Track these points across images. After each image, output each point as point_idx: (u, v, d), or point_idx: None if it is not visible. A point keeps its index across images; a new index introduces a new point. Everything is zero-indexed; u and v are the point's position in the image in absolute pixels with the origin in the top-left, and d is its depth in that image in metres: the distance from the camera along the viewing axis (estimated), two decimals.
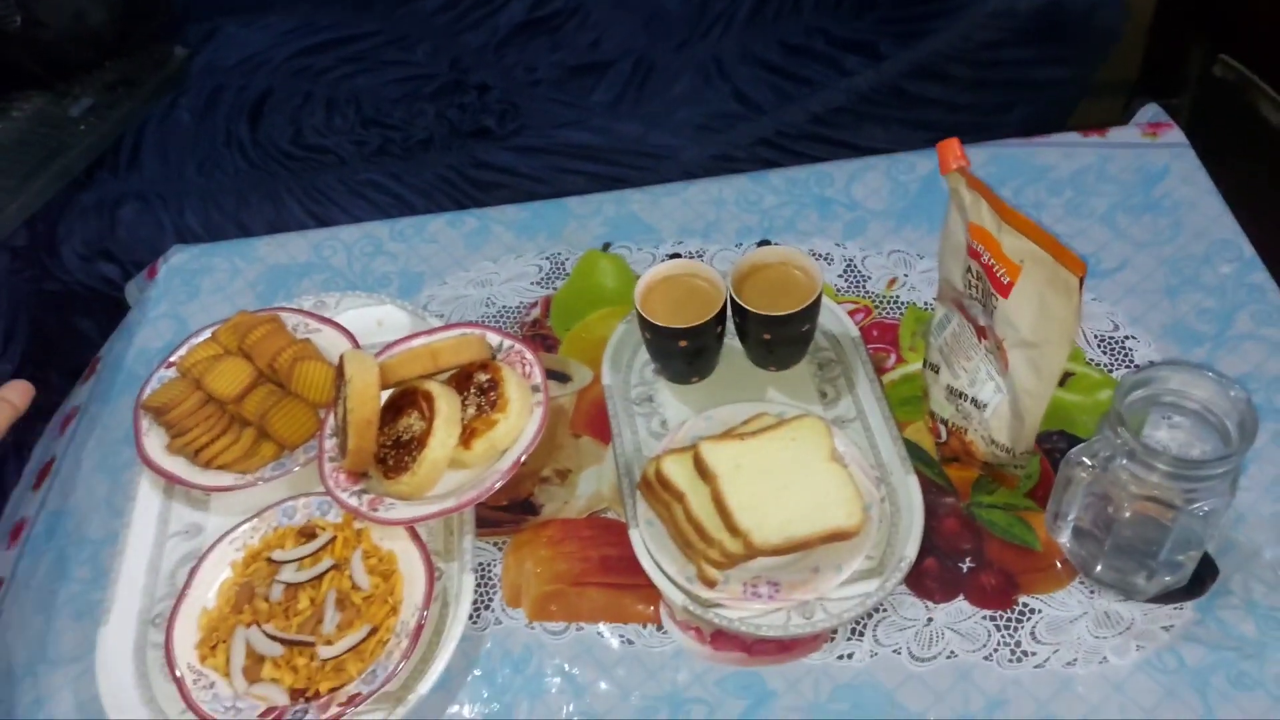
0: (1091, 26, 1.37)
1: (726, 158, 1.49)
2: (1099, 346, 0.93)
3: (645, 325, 0.89)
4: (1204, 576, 0.77)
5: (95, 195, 1.58)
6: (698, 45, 1.61)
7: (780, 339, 0.90)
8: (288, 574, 0.84)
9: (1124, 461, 0.68)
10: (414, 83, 1.66)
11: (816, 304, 0.87)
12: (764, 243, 1.05)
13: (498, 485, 0.83)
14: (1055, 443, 0.87)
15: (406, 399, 0.87)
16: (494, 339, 0.93)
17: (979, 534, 0.83)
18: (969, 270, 0.76)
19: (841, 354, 0.94)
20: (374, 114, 1.61)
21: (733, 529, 0.78)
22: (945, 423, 0.85)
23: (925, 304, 0.98)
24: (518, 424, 0.86)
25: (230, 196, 1.55)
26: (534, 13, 1.74)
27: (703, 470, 0.81)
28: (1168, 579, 0.75)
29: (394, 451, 0.85)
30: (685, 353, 0.90)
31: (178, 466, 0.91)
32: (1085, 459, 0.70)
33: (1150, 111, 1.13)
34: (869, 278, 1.01)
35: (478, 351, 0.90)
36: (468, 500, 0.83)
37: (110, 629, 0.83)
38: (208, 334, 1.00)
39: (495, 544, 0.87)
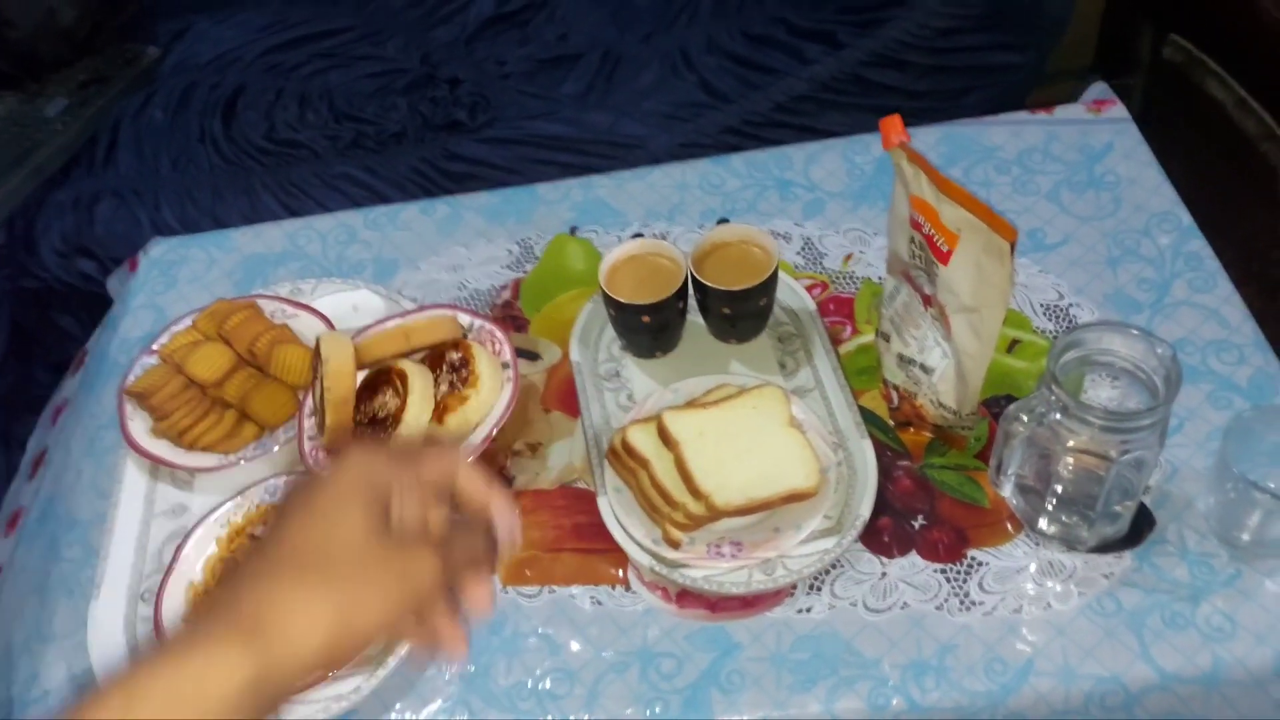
0: (1041, 13, 1.42)
1: (693, 145, 1.53)
2: (1045, 315, 0.97)
3: (610, 303, 0.92)
4: (1141, 527, 0.81)
5: (71, 193, 1.61)
6: (664, 36, 1.65)
7: (740, 313, 0.94)
8: None
9: (1058, 416, 0.72)
10: (386, 77, 1.69)
11: (773, 279, 0.91)
12: (723, 221, 1.09)
13: (470, 459, 0.86)
14: (1003, 407, 0.91)
15: (382, 378, 0.90)
16: (465, 319, 0.97)
17: (931, 493, 0.87)
18: (912, 241, 0.80)
19: (800, 327, 0.98)
20: (347, 108, 1.64)
21: (695, 492, 0.81)
22: (897, 389, 0.89)
23: (879, 278, 1.02)
24: (489, 399, 0.90)
25: (205, 191, 1.57)
26: (503, 7, 1.77)
27: (666, 438, 0.84)
28: (1107, 530, 0.79)
29: (370, 428, 0.88)
30: (649, 328, 0.94)
31: (162, 449, 0.94)
32: (1022, 415, 0.74)
33: (1097, 89, 1.18)
34: (826, 255, 1.05)
35: (449, 331, 0.93)
36: None
37: (101, 604, 0.86)
38: (188, 321, 1.03)
39: None
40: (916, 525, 0.85)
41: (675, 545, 0.82)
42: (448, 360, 0.92)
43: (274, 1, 1.85)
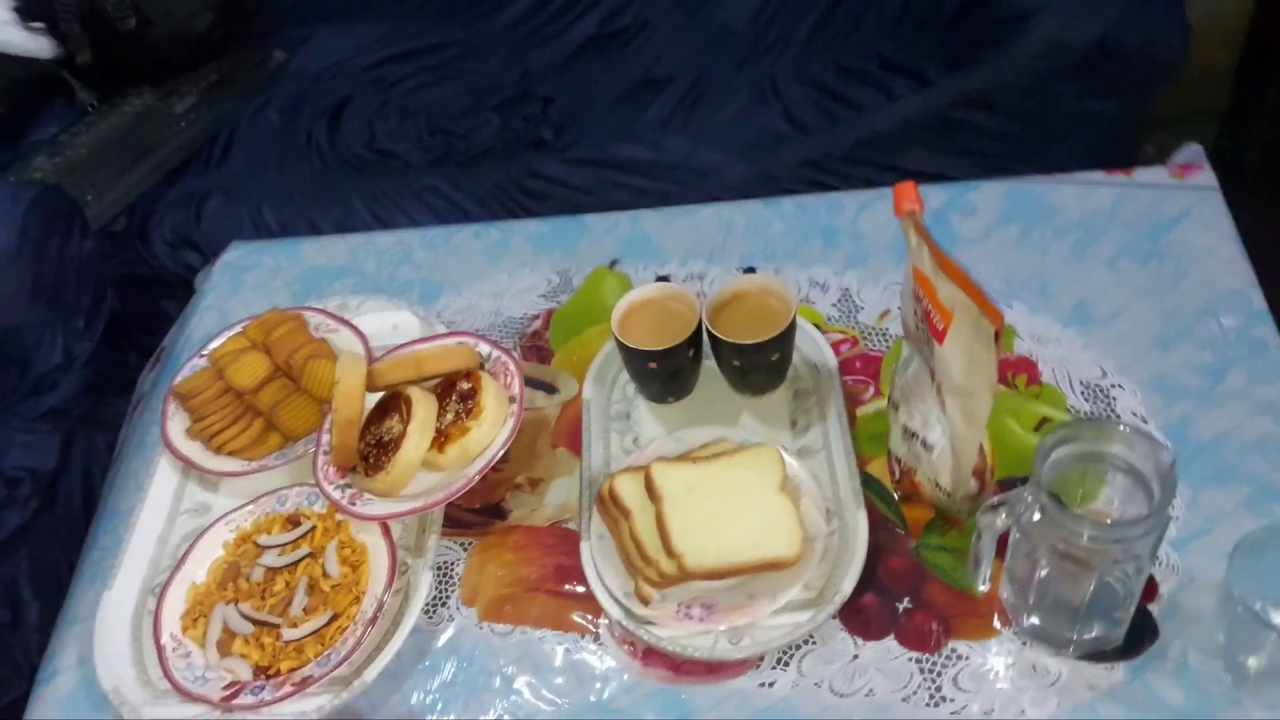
0: (1149, 60, 1.33)
1: (770, 177, 1.51)
2: (1082, 394, 0.91)
3: (620, 346, 0.92)
4: (1142, 636, 0.75)
5: (186, 188, 1.71)
6: (755, 65, 1.63)
7: (750, 366, 0.92)
8: (269, 558, 0.91)
9: (1036, 518, 0.67)
10: (482, 93, 1.73)
11: (787, 334, 0.89)
12: (748, 271, 1.07)
13: (463, 489, 0.88)
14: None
15: (393, 403, 0.93)
16: (485, 349, 0.98)
17: (922, 575, 0.83)
18: (915, 313, 0.77)
19: (818, 384, 0.95)
20: (442, 122, 1.69)
21: (669, 550, 0.80)
22: (899, 462, 0.85)
23: None
24: (490, 432, 0.91)
25: (304, 196, 1.65)
26: (604, 28, 1.78)
27: (651, 491, 0.84)
28: (1096, 635, 0.74)
29: (375, 450, 0.91)
30: (658, 374, 0.93)
31: (193, 450, 1.00)
32: (1002, 510, 0.70)
33: (1190, 152, 1.09)
34: (862, 309, 1.02)
35: (463, 361, 0.95)
36: (434, 501, 0.88)
37: (113, 594, 0.92)
38: (239, 328, 1.09)
39: (462, 544, 0.92)
40: (900, 608, 0.81)
41: (645, 601, 0.81)
42: (457, 390, 0.93)
43: (389, 15, 1.91)
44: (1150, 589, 0.77)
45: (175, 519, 0.99)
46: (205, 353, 1.07)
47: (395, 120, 1.71)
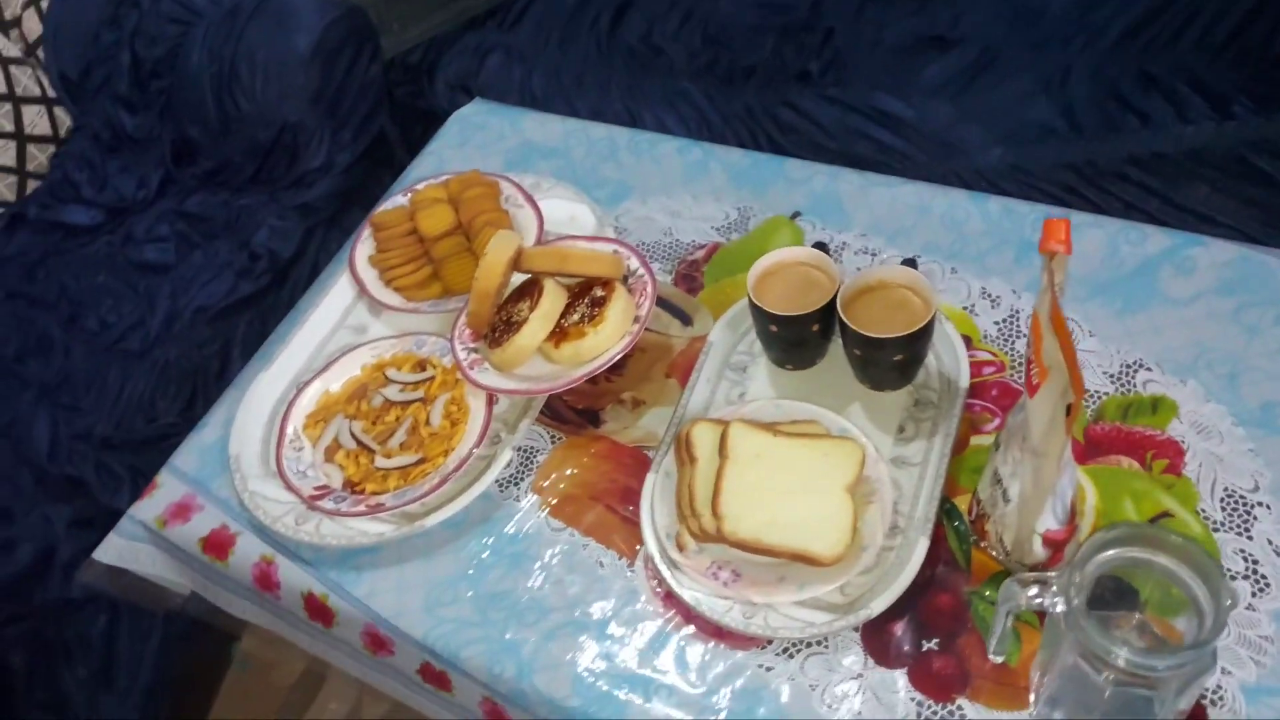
0: None
1: (1024, 171, 1.40)
2: (1221, 501, 0.81)
3: (751, 301, 0.91)
4: None
5: (476, 39, 1.82)
6: (1054, 51, 1.49)
7: (870, 360, 0.89)
8: (391, 391, 1.00)
9: (1060, 609, 0.63)
10: (768, 11, 1.70)
11: (913, 339, 0.85)
12: (908, 262, 1.01)
13: (563, 387, 0.92)
14: None
15: (531, 288, 0.98)
16: (634, 263, 1.00)
17: (963, 622, 0.79)
18: (1025, 357, 0.71)
19: (942, 399, 0.91)
20: (718, 33, 1.68)
21: (715, 509, 0.81)
22: (979, 503, 0.81)
23: None
24: (605, 342, 0.94)
25: (571, 75, 1.71)
26: None
27: (723, 447, 0.84)
28: None
29: (504, 326, 0.97)
30: (778, 339, 0.92)
31: (368, 276, 1.10)
32: (1027, 590, 0.65)
33: None
34: (1023, 336, 0.95)
35: (606, 268, 0.97)
36: (536, 390, 0.93)
37: (268, 375, 1.04)
38: (444, 178, 1.17)
39: (552, 436, 0.97)
40: (926, 646, 0.78)
41: (681, 549, 0.83)
42: (591, 294, 0.97)
43: None
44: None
45: (338, 331, 1.10)
46: (409, 191, 1.17)
47: (676, 22, 1.73)
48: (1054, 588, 0.64)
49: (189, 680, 1.49)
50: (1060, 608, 0.63)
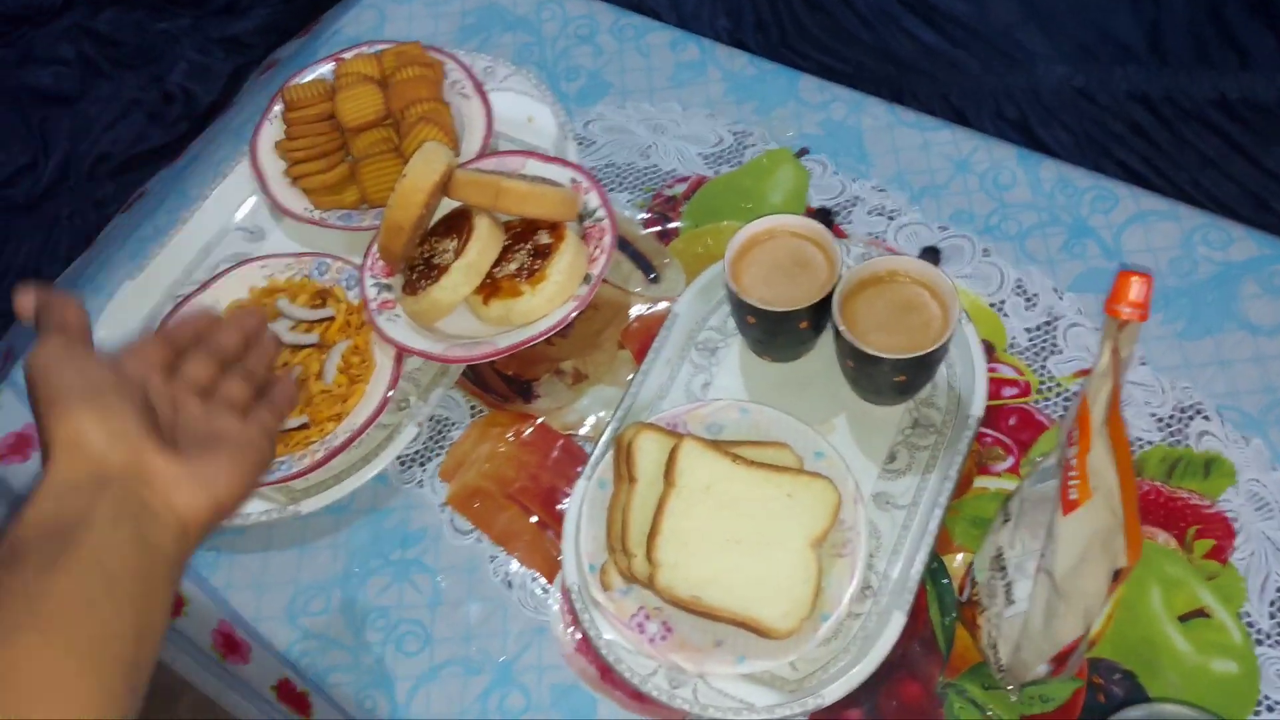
0: None
1: (1088, 98, 1.18)
2: (1272, 605, 0.66)
3: (727, 286, 0.72)
4: None
5: None
6: None
7: (863, 371, 0.71)
8: (280, 328, 0.82)
9: None
10: None
11: (920, 362, 0.68)
12: (928, 251, 0.82)
13: (484, 358, 0.74)
14: (1112, 679, 0.65)
15: (460, 223, 0.78)
16: (594, 203, 0.80)
17: None
18: (1066, 441, 0.54)
19: (948, 425, 0.74)
20: None
21: (649, 553, 0.65)
22: (975, 585, 0.65)
23: None
24: (543, 308, 0.75)
25: None
26: None
27: (670, 471, 0.68)
28: None
29: (424, 268, 0.78)
30: (753, 330, 0.74)
31: (272, 168, 0.89)
32: None
33: None
34: (1059, 351, 0.77)
35: (555, 209, 0.77)
36: (449, 357, 0.75)
37: (135, 284, 0.86)
38: (379, 47, 0.94)
39: (472, 407, 0.80)
40: None
41: (605, 588, 0.68)
42: (534, 240, 0.77)
43: None
44: None
45: (229, 233, 0.90)
46: (336, 59, 0.94)
47: None
48: None
49: None
50: None
